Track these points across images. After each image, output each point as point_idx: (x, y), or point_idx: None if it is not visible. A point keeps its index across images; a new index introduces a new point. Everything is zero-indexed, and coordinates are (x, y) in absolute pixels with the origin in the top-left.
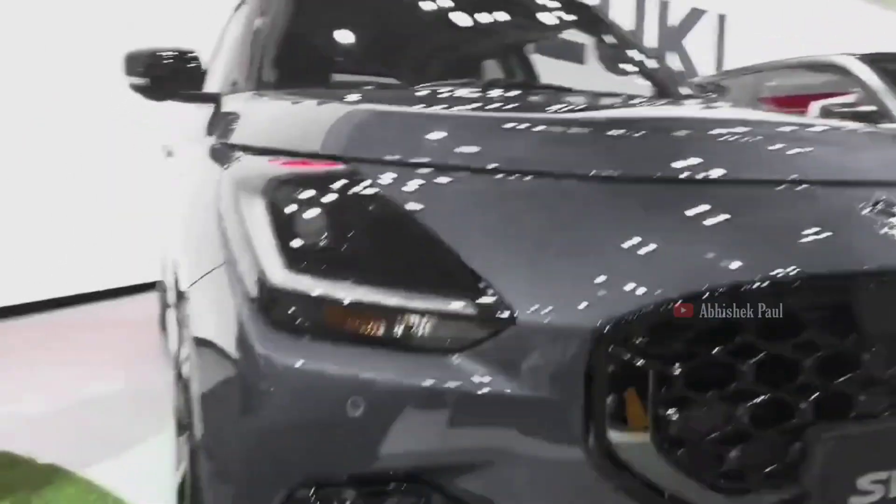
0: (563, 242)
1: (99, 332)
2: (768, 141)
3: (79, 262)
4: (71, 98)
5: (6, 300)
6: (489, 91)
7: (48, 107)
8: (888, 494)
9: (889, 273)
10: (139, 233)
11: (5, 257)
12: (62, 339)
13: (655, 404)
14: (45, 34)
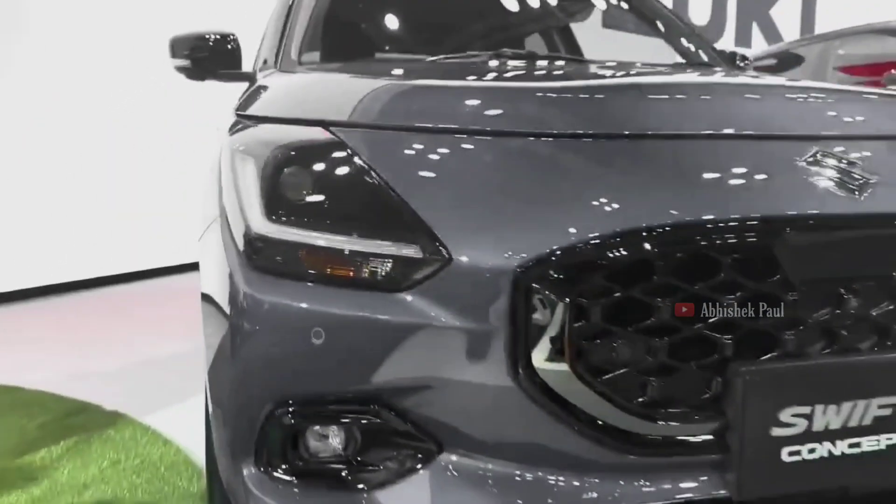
0: (497, 196)
1: (168, 302)
2: (718, 100)
3: (151, 239)
4: (144, 89)
5: (83, 274)
6: (488, 62)
7: (128, 98)
8: (811, 428)
9: (813, 218)
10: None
11: (84, 236)
12: (132, 308)
13: (572, 336)
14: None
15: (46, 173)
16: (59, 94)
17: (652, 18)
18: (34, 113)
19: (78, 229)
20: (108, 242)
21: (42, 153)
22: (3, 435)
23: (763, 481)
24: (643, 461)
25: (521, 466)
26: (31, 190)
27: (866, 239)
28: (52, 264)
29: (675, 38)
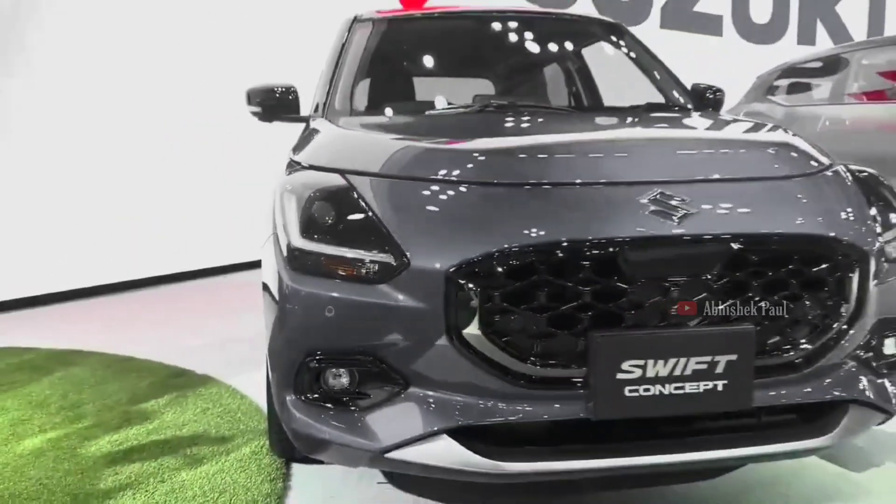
0: (440, 224)
1: (247, 291)
2: (598, 156)
3: (238, 236)
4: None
5: (184, 267)
6: (472, 115)
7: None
8: (645, 375)
9: (644, 237)
10: None
11: (185, 235)
12: (220, 296)
13: (483, 313)
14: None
15: (158, 183)
16: (163, 111)
17: (643, 65)
18: (146, 123)
19: (179, 229)
20: (202, 240)
21: (145, 162)
22: (122, 390)
23: (611, 408)
24: (534, 392)
25: (457, 395)
26: (142, 196)
27: (679, 251)
28: (162, 259)
29: (657, 81)
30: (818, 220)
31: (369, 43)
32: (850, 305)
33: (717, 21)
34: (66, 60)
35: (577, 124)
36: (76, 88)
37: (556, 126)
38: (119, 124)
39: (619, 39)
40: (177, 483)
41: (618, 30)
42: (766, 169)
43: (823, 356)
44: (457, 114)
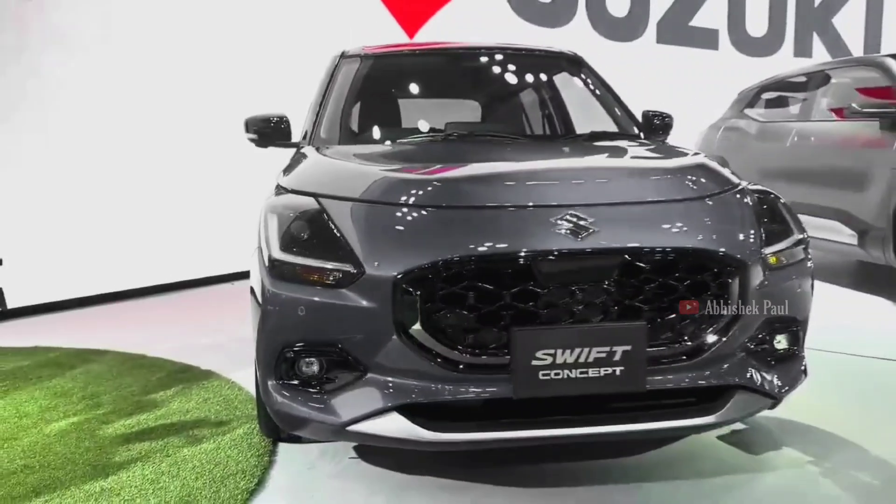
0: (389, 240)
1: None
2: (522, 184)
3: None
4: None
5: (189, 275)
6: (432, 143)
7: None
8: (555, 361)
9: (554, 251)
10: None
11: (191, 244)
12: (226, 301)
13: (423, 312)
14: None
15: (174, 198)
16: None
17: (598, 95)
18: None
19: (191, 239)
20: (212, 249)
21: (163, 181)
22: (135, 383)
23: (528, 388)
24: (467, 376)
25: (405, 379)
26: (158, 210)
27: (583, 262)
28: (173, 267)
29: (610, 109)
30: (704, 235)
31: (355, 77)
32: (731, 307)
33: (714, 35)
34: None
35: (519, 152)
36: (106, 111)
37: (500, 154)
38: (137, 147)
39: (578, 71)
40: (179, 457)
41: (577, 62)
42: (666, 192)
43: (709, 348)
44: (423, 142)
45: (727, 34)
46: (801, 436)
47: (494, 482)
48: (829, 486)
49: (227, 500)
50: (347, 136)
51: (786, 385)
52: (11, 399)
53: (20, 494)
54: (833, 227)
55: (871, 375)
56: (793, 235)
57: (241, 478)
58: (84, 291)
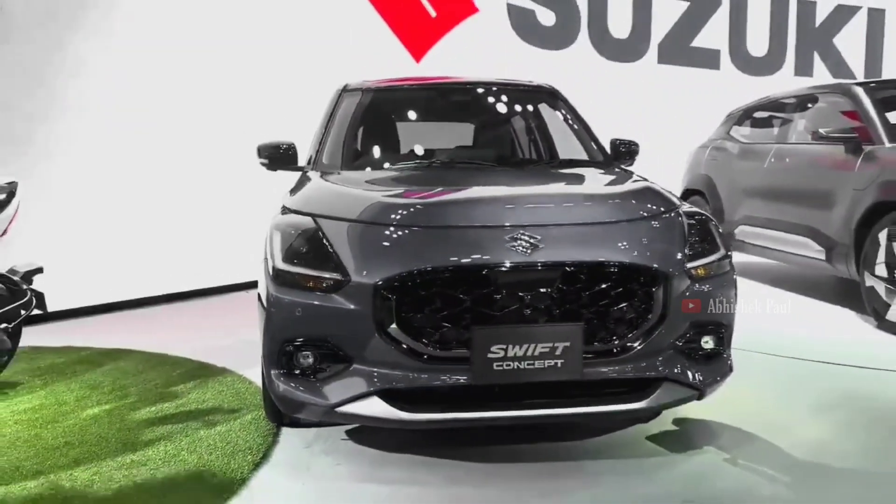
0: (372, 252)
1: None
2: (483, 207)
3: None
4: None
5: (219, 282)
6: (421, 168)
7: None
8: (506, 354)
9: (506, 264)
10: None
11: (221, 252)
12: (244, 307)
13: (398, 313)
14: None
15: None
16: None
17: (570, 124)
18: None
19: (211, 249)
20: (232, 259)
21: (187, 196)
22: (158, 378)
23: (484, 377)
24: (435, 367)
25: (384, 369)
26: (183, 222)
27: (530, 272)
28: (196, 275)
29: (580, 137)
30: (633, 251)
31: (355, 108)
32: (656, 311)
33: (715, 55)
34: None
35: (489, 178)
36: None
37: (472, 180)
38: (167, 170)
39: (554, 103)
40: (196, 437)
41: (553, 95)
42: (604, 215)
43: (638, 346)
44: (410, 168)
45: (728, 54)
46: (729, 429)
47: (465, 458)
48: (736, 474)
49: (235, 470)
50: (346, 161)
51: (709, 379)
52: (51, 390)
53: (64, 465)
54: (803, 243)
55: (815, 378)
56: (718, 252)
57: (249, 453)
58: (113, 297)
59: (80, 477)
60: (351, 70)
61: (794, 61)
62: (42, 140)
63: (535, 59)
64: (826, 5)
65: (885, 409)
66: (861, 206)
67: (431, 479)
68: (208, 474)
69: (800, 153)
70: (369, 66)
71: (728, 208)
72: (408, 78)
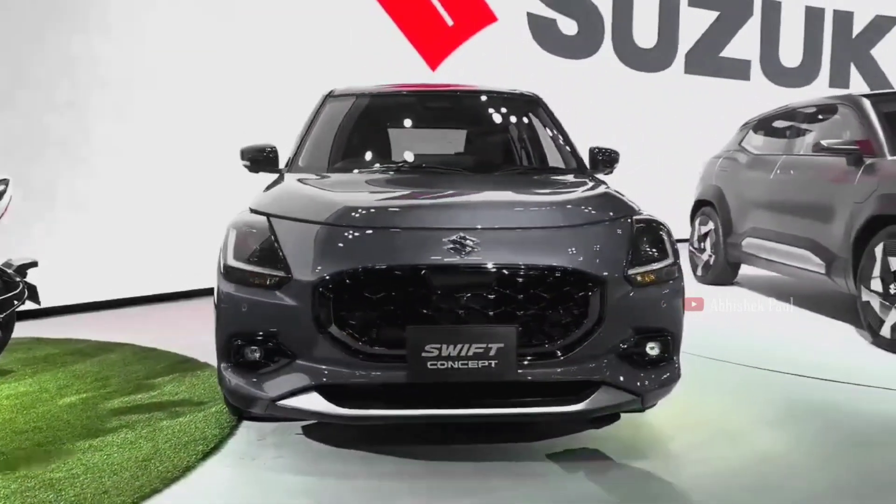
0: (314, 252)
1: None
2: (432, 210)
3: None
4: None
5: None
6: (388, 172)
7: None
8: (441, 354)
9: (445, 265)
10: None
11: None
12: None
13: (335, 311)
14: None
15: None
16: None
17: (549, 131)
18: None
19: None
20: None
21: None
22: (142, 370)
23: (419, 375)
24: (372, 364)
25: (325, 365)
26: (183, 228)
27: (464, 274)
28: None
29: (557, 144)
30: (569, 256)
31: (337, 113)
32: (592, 316)
33: (745, 66)
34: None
35: (446, 182)
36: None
37: (428, 183)
38: (168, 178)
39: (535, 110)
40: (158, 426)
41: (535, 102)
42: (547, 220)
43: (573, 349)
44: (378, 172)
45: (759, 64)
46: (683, 437)
47: (408, 456)
48: (674, 480)
49: (184, 458)
50: (318, 165)
51: (652, 385)
52: (38, 378)
53: (25, 447)
54: (804, 257)
55: (789, 391)
56: (666, 259)
57: (202, 443)
58: (116, 294)
59: (36, 458)
60: (364, 77)
61: (829, 72)
62: (39, 141)
63: (555, 68)
64: (864, 16)
65: (850, 423)
66: (859, 219)
67: (364, 473)
68: (157, 461)
69: (804, 165)
70: (383, 73)
71: (736, 220)
72: (395, 85)
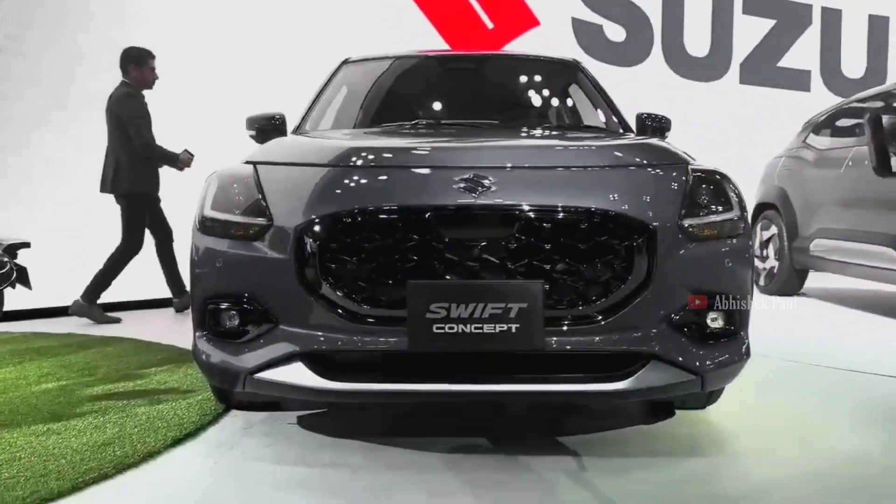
0: (295, 197)
1: None
2: (441, 151)
3: None
4: None
5: None
6: (400, 129)
7: None
8: (449, 316)
9: (455, 206)
10: None
11: None
12: None
13: (322, 264)
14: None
15: None
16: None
17: (590, 96)
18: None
19: None
20: None
21: None
22: (137, 361)
23: (422, 343)
24: (367, 328)
25: (310, 330)
26: None
27: (479, 217)
28: None
29: (601, 107)
30: (607, 198)
31: (351, 79)
32: (638, 274)
33: (805, 76)
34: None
35: (466, 133)
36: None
37: (445, 133)
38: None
39: (574, 76)
40: (131, 413)
41: (574, 68)
42: (580, 160)
43: (614, 313)
44: (388, 129)
45: (819, 75)
46: (750, 435)
47: (416, 447)
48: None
49: (149, 444)
50: (323, 125)
51: (713, 363)
52: (21, 367)
53: None
54: (883, 254)
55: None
56: (731, 212)
57: (176, 429)
58: (138, 297)
59: None
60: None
61: None
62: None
63: (602, 75)
64: None
65: None
66: None
67: (366, 465)
68: (117, 446)
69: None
70: None
71: (802, 222)
72: (417, 50)
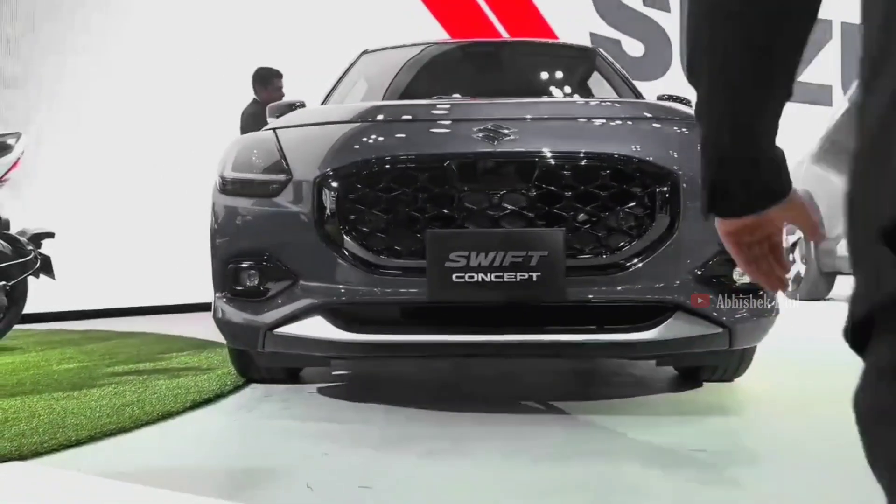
0: (313, 150)
1: None
2: (459, 103)
3: None
4: None
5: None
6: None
7: None
8: (469, 264)
9: (475, 154)
10: None
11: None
12: None
13: (340, 212)
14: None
15: None
16: None
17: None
18: None
19: None
20: None
21: None
22: (159, 349)
23: (441, 291)
24: (385, 279)
25: (330, 283)
26: None
27: (496, 165)
28: None
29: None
30: (629, 145)
31: (371, 68)
32: (662, 221)
33: (826, 91)
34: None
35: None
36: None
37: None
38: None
39: (593, 62)
40: (150, 384)
41: (593, 54)
42: (602, 113)
43: (638, 263)
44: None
45: (841, 89)
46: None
47: (436, 406)
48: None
49: (167, 406)
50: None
51: (743, 317)
52: (44, 353)
53: (4, 394)
54: None
55: None
56: None
57: (194, 394)
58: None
59: (4, 406)
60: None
61: None
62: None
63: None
64: None
65: None
66: None
67: (387, 420)
68: (136, 407)
69: None
70: None
71: (829, 223)
72: (436, 40)
